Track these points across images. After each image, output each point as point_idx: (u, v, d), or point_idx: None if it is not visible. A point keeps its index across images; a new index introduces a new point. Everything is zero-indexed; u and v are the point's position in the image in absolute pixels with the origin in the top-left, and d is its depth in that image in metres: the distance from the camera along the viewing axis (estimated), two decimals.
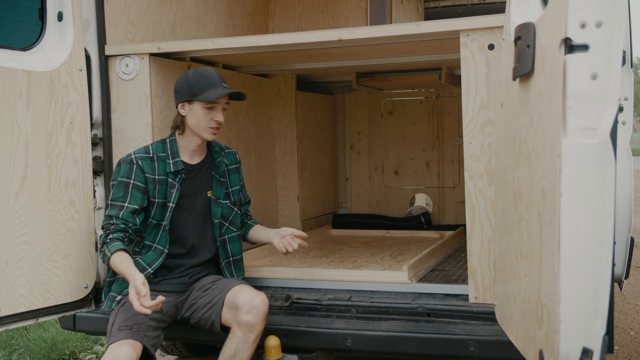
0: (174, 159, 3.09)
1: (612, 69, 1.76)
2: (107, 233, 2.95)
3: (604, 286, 1.76)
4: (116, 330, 2.87)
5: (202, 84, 3.00)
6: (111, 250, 2.88)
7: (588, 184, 1.76)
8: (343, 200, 5.68)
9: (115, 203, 3.01)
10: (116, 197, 3.02)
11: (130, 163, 3.04)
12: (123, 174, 3.04)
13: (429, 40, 3.21)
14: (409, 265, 3.30)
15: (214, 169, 3.22)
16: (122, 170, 3.04)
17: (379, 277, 3.31)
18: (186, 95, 3.02)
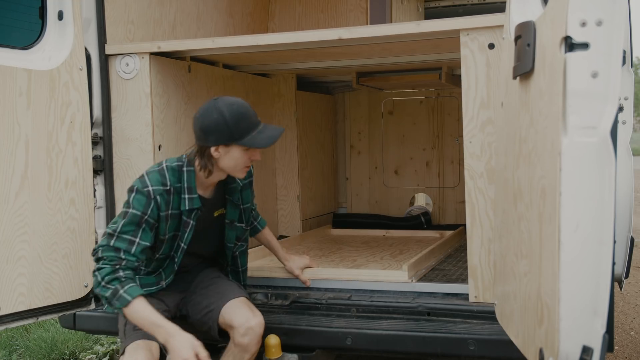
0: (190, 194, 2.85)
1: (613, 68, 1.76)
2: (115, 268, 2.69)
3: (604, 285, 1.77)
4: (131, 330, 2.74)
5: (244, 126, 2.75)
6: (131, 293, 2.64)
7: (588, 182, 1.76)
8: (343, 200, 5.68)
9: (124, 236, 2.74)
10: (126, 230, 2.74)
11: (147, 197, 2.77)
12: (137, 206, 2.76)
13: (429, 39, 3.21)
14: (409, 264, 3.29)
15: (227, 192, 3.03)
16: (135, 202, 2.77)
17: (379, 277, 3.30)
18: (225, 138, 2.74)
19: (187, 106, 3.75)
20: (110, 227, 2.78)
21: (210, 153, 2.77)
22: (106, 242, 2.74)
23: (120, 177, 3.44)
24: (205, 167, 2.81)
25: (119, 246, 2.72)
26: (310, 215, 5.10)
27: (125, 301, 2.62)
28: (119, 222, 2.76)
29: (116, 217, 2.83)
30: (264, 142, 2.75)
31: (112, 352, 4.89)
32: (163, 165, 2.86)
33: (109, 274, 2.66)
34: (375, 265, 3.66)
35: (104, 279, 2.65)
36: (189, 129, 3.76)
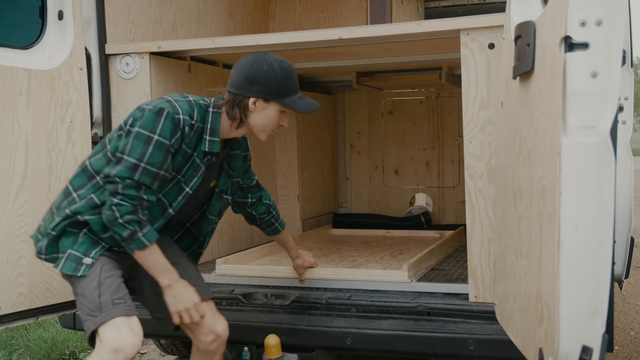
0: (212, 136, 2.62)
1: (612, 68, 1.76)
2: (136, 209, 2.46)
3: (604, 285, 1.77)
4: (109, 304, 2.44)
5: (289, 86, 2.64)
6: (149, 238, 2.48)
7: (588, 182, 1.76)
8: (343, 200, 5.68)
9: (150, 168, 2.47)
10: (155, 160, 2.47)
11: (176, 125, 2.52)
12: (164, 133, 2.49)
13: (429, 39, 3.21)
14: (409, 264, 3.27)
15: (226, 159, 2.82)
16: (165, 128, 2.50)
17: (378, 277, 3.29)
18: (269, 93, 2.60)
19: None
20: (130, 152, 2.47)
21: (247, 104, 2.60)
22: (128, 173, 2.45)
23: None
24: (235, 118, 2.62)
25: (144, 181, 2.47)
26: (310, 215, 5.10)
27: (143, 245, 2.47)
28: (143, 149, 2.47)
29: (128, 139, 2.50)
30: (304, 107, 2.68)
31: None
32: (190, 99, 2.63)
33: (128, 214, 2.45)
34: (375, 265, 3.65)
35: (123, 217, 2.44)
36: None
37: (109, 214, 2.46)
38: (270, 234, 3.23)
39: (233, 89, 2.64)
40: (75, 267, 2.52)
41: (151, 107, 2.52)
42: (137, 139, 2.48)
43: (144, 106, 2.56)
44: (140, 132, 2.49)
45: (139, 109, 2.56)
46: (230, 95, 2.63)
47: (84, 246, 2.56)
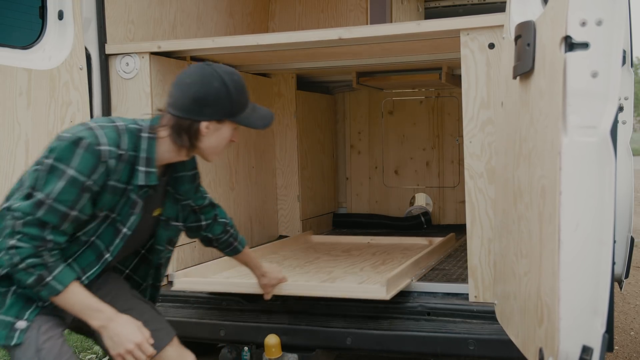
0: (148, 166, 2.26)
1: (613, 67, 1.76)
2: (39, 251, 2.10)
3: (604, 284, 1.77)
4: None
5: (243, 101, 2.34)
6: (62, 281, 2.13)
7: (588, 182, 1.76)
8: (343, 200, 5.68)
9: (57, 207, 2.11)
10: (63, 199, 2.11)
11: (98, 158, 2.14)
12: (82, 168, 2.12)
13: (429, 39, 3.21)
14: (388, 279, 2.92)
15: (171, 183, 2.48)
16: (82, 161, 2.13)
17: (353, 292, 2.98)
18: (223, 113, 2.28)
19: None
20: (40, 186, 2.12)
21: (199, 129, 2.26)
22: (30, 209, 2.09)
23: None
24: (183, 145, 2.28)
25: (48, 220, 2.10)
26: (310, 215, 5.10)
27: (56, 291, 2.13)
28: (52, 184, 2.11)
29: (38, 173, 2.14)
30: (260, 122, 2.37)
31: None
32: (118, 123, 2.25)
33: (29, 257, 2.09)
34: (353, 278, 3.31)
35: (24, 262, 2.09)
36: None
37: (6, 259, 2.11)
38: (230, 254, 2.88)
39: (179, 112, 2.26)
40: (6, 335, 2.17)
41: (69, 135, 2.16)
42: (50, 172, 2.13)
43: (63, 134, 2.19)
44: (53, 165, 2.13)
45: (58, 138, 2.19)
46: (175, 119, 2.26)
47: (14, 308, 2.21)
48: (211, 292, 3.30)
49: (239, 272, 3.43)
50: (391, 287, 2.94)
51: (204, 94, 2.24)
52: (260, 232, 4.61)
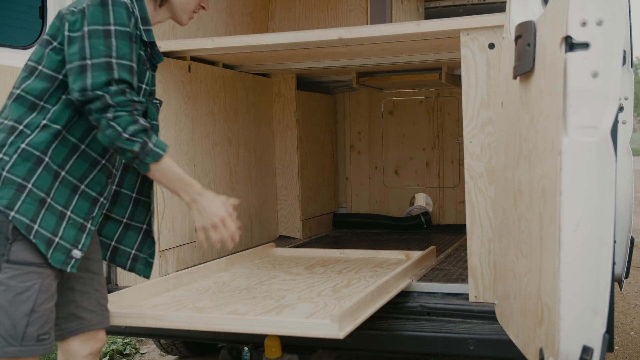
0: (145, 25, 2.30)
1: (613, 67, 1.76)
2: (134, 116, 2.13)
3: (605, 284, 1.77)
4: (34, 339, 2.12)
5: None
6: (161, 146, 2.18)
7: (588, 182, 1.77)
8: (343, 200, 5.68)
9: (124, 62, 2.14)
10: (123, 52, 2.13)
11: (126, 9, 2.17)
12: (121, 20, 2.15)
13: (429, 39, 3.21)
14: (340, 313, 2.33)
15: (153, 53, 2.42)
16: (117, 15, 2.15)
17: (296, 329, 2.42)
18: None
19: (187, 106, 3.75)
20: (89, 55, 2.10)
21: None
22: (106, 77, 2.10)
23: None
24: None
25: (125, 77, 2.13)
26: (310, 215, 5.11)
27: (158, 155, 2.16)
28: (104, 45, 2.11)
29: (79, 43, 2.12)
30: None
31: (112, 352, 4.89)
32: None
33: (131, 124, 2.12)
34: (304, 309, 2.75)
35: (127, 130, 2.11)
36: (189, 129, 3.76)
37: (109, 133, 2.11)
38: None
39: None
40: (63, 261, 2.16)
41: (89, 2, 2.14)
42: (94, 37, 2.11)
43: (77, 6, 2.17)
44: (95, 30, 2.11)
45: (71, 13, 2.16)
46: None
47: (71, 234, 2.19)
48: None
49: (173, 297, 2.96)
50: (347, 322, 2.37)
51: None
52: (260, 232, 4.61)
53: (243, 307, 2.76)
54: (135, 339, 5.14)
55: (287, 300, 2.90)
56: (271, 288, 3.13)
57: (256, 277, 3.38)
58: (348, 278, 3.31)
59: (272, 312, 2.69)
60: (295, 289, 3.11)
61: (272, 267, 3.67)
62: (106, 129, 2.11)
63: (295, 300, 2.90)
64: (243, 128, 4.39)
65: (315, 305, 2.80)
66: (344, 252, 3.97)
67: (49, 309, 2.16)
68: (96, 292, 2.41)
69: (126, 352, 4.97)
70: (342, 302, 2.82)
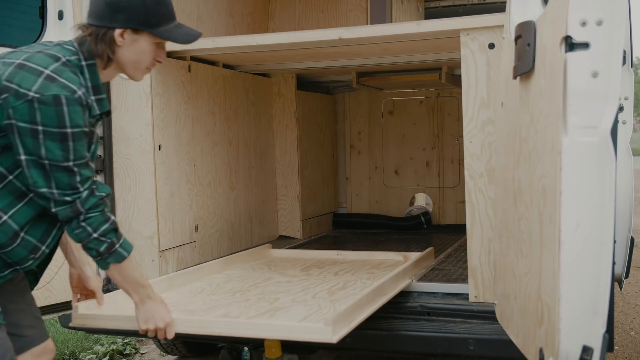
0: (98, 94, 2.19)
1: (613, 67, 1.76)
2: (105, 214, 2.16)
3: (604, 284, 1.77)
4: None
5: (163, 13, 2.24)
6: (126, 248, 2.23)
7: (588, 182, 1.77)
8: (343, 200, 5.68)
9: (82, 162, 2.11)
10: (81, 154, 2.10)
11: (80, 104, 2.08)
12: (77, 121, 2.07)
13: (429, 39, 3.21)
14: (336, 315, 2.30)
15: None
16: (74, 115, 2.06)
17: (288, 333, 2.35)
18: (137, 21, 2.19)
19: (187, 106, 3.75)
20: (52, 157, 2.05)
21: (113, 37, 2.18)
22: (68, 181, 2.08)
23: (120, 176, 3.44)
24: (101, 55, 2.19)
25: (87, 175, 2.13)
26: (310, 215, 5.10)
27: (122, 257, 2.20)
28: (65, 146, 2.06)
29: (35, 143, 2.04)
30: (183, 37, 2.30)
31: (112, 352, 4.89)
32: (63, 59, 2.13)
33: (103, 223, 2.15)
34: (298, 311, 2.70)
35: (98, 230, 2.14)
36: (189, 128, 3.76)
37: (79, 232, 2.14)
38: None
39: (94, 21, 2.19)
40: None
41: (38, 95, 2.02)
42: (47, 139, 2.04)
43: (21, 86, 2.03)
44: (46, 132, 2.04)
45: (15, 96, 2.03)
46: (92, 29, 2.19)
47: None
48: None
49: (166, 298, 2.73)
50: (341, 326, 2.32)
51: (117, 1, 2.17)
52: (260, 232, 4.61)
53: (236, 310, 2.70)
54: (135, 339, 5.14)
55: (281, 302, 2.84)
56: (265, 290, 3.07)
57: (251, 279, 3.32)
58: (344, 280, 3.26)
59: (265, 314, 2.63)
60: (290, 291, 3.05)
61: (268, 269, 3.60)
62: (76, 228, 2.15)
63: (289, 302, 2.84)
64: (243, 128, 4.39)
65: (310, 308, 2.74)
66: (341, 253, 3.92)
67: (2, 338, 2.15)
68: (29, 306, 2.39)
69: (126, 352, 4.97)
70: (337, 304, 2.76)
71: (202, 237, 3.88)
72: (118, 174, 3.44)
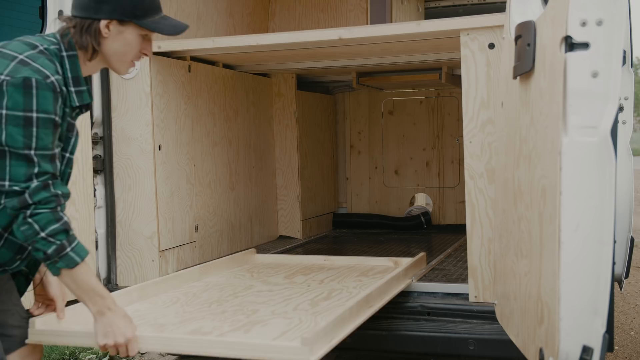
0: (77, 86, 2.15)
1: (613, 67, 1.76)
2: (56, 212, 2.03)
3: (604, 284, 1.77)
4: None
5: (148, 4, 2.21)
6: (80, 253, 2.07)
7: (588, 182, 1.77)
8: (343, 200, 5.68)
9: (45, 153, 2.02)
10: (45, 143, 2.01)
11: (53, 90, 2.02)
12: (46, 106, 2.00)
13: (429, 39, 3.21)
14: (312, 335, 2.10)
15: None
16: (42, 100, 1.99)
17: (263, 353, 2.13)
18: (122, 12, 2.14)
19: (187, 106, 3.75)
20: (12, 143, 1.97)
21: (98, 28, 2.14)
22: (25, 170, 1.99)
23: (120, 176, 3.44)
24: (86, 47, 2.14)
25: (48, 169, 2.02)
26: (310, 215, 5.11)
27: (73, 263, 2.05)
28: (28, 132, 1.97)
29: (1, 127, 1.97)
30: (169, 28, 2.25)
31: None
32: (40, 47, 2.10)
33: (52, 222, 2.01)
34: (277, 324, 2.49)
35: (46, 229, 2.00)
36: (189, 129, 3.76)
37: (25, 229, 2.01)
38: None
39: (79, 12, 2.15)
40: None
41: (9, 78, 1.98)
42: (15, 124, 1.97)
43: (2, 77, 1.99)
44: (14, 115, 1.97)
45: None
46: (77, 21, 2.15)
47: None
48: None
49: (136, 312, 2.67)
50: (320, 345, 2.14)
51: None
52: (260, 232, 4.61)
53: (209, 324, 2.48)
54: None
55: (259, 315, 2.62)
56: (244, 301, 2.86)
57: (230, 288, 3.09)
58: (329, 289, 3.05)
59: (240, 329, 2.42)
60: (271, 302, 2.84)
61: (250, 276, 3.37)
62: (22, 224, 2.01)
63: (268, 315, 2.62)
64: (243, 128, 4.39)
65: (289, 322, 2.52)
66: (329, 258, 3.70)
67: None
68: (16, 306, 2.34)
69: None
70: (318, 318, 2.55)
71: (202, 237, 3.89)
72: (118, 174, 3.44)
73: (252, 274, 3.42)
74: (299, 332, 2.36)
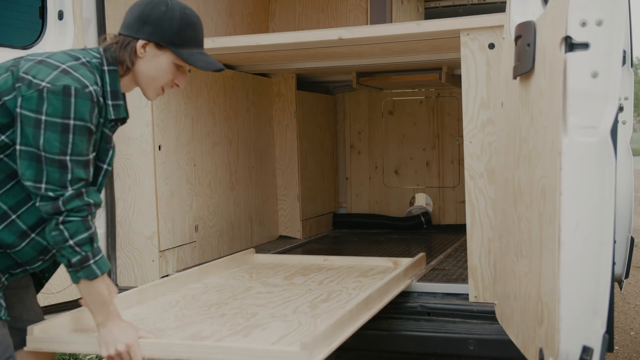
0: (115, 99, 2.21)
1: (613, 67, 1.76)
2: (87, 222, 2.08)
3: (604, 284, 1.77)
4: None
5: (188, 36, 2.26)
6: (102, 267, 2.12)
7: (588, 182, 1.77)
8: (343, 200, 5.69)
9: (79, 158, 2.07)
10: (80, 149, 2.06)
11: (91, 100, 2.07)
12: (83, 113, 2.05)
13: (429, 39, 3.21)
14: (311, 340, 2.08)
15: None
16: (80, 107, 2.05)
17: (262, 358, 2.12)
18: (161, 36, 2.20)
19: (187, 106, 3.75)
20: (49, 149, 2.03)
21: (135, 47, 2.21)
22: (59, 175, 2.04)
23: (120, 177, 3.44)
24: (122, 62, 2.21)
25: (81, 175, 2.08)
26: (310, 215, 5.11)
27: (94, 275, 2.09)
28: (64, 139, 2.03)
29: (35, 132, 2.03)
30: (203, 63, 2.28)
31: None
32: (83, 59, 2.16)
33: (81, 232, 2.07)
34: (276, 328, 2.47)
35: (74, 238, 2.06)
36: (189, 129, 3.76)
37: (56, 234, 2.07)
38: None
39: (124, 30, 2.25)
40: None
41: (49, 85, 2.04)
42: (48, 129, 2.03)
43: (35, 77, 2.06)
44: (52, 122, 2.03)
45: (27, 86, 2.05)
46: (120, 38, 2.24)
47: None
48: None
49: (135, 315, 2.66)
50: (319, 349, 2.13)
51: (148, 13, 2.21)
52: (260, 232, 4.61)
53: (209, 328, 2.47)
54: None
55: (258, 318, 2.60)
56: (243, 303, 2.83)
57: (229, 290, 3.06)
58: (328, 290, 3.03)
59: (239, 333, 2.40)
60: (270, 304, 2.81)
61: (249, 277, 3.34)
62: (54, 229, 2.07)
63: (267, 318, 2.60)
64: (243, 128, 4.39)
65: (289, 325, 2.50)
66: (328, 259, 3.68)
67: (3, 334, 2.13)
68: (32, 302, 2.39)
69: None
70: (318, 321, 2.53)
71: (202, 237, 3.89)
72: (118, 174, 3.44)
73: (251, 275, 3.39)
74: (298, 336, 2.36)
